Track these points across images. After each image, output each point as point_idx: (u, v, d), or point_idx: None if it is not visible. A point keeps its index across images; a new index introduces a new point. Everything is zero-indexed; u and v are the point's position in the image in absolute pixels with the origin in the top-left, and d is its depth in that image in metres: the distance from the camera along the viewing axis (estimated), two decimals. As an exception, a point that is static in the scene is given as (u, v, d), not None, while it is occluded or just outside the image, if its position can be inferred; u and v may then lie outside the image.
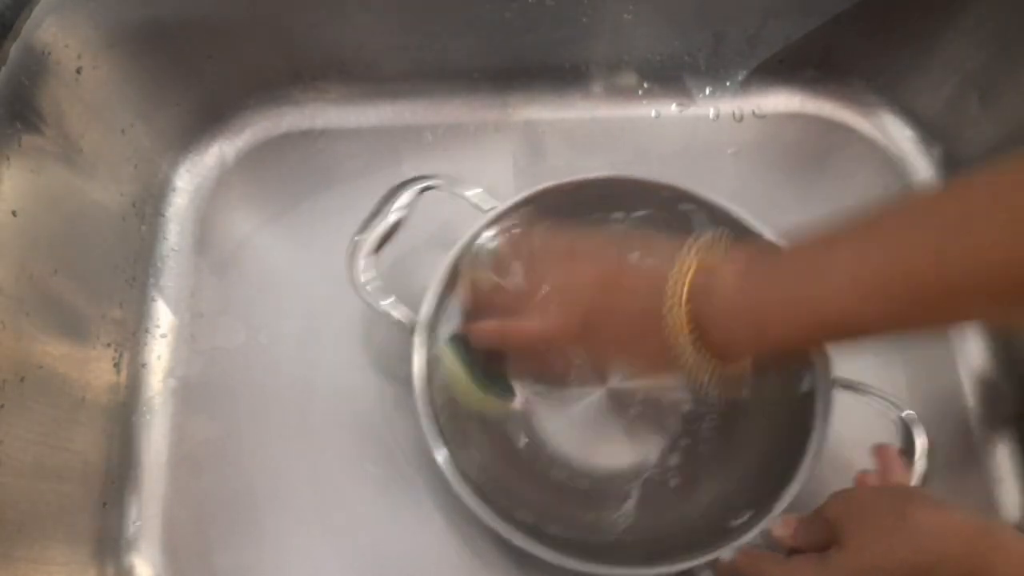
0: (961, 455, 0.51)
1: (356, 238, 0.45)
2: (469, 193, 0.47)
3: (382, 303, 0.45)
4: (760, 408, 0.46)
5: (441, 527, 0.48)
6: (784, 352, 0.38)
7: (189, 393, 0.51)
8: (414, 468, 0.49)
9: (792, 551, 0.38)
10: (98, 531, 0.46)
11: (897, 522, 0.33)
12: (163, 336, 0.52)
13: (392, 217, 0.45)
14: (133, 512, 0.48)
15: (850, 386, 0.44)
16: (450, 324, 0.45)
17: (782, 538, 0.39)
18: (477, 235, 0.46)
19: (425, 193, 0.46)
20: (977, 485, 0.50)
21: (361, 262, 0.44)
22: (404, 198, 0.46)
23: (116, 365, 0.50)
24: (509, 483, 0.45)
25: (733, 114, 0.60)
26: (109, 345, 0.49)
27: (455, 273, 0.45)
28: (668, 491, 0.47)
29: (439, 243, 0.50)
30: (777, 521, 0.40)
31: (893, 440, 0.43)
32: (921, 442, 0.42)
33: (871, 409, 0.44)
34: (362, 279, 0.44)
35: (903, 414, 0.43)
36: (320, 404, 0.51)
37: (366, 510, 0.48)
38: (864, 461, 0.42)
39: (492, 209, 0.47)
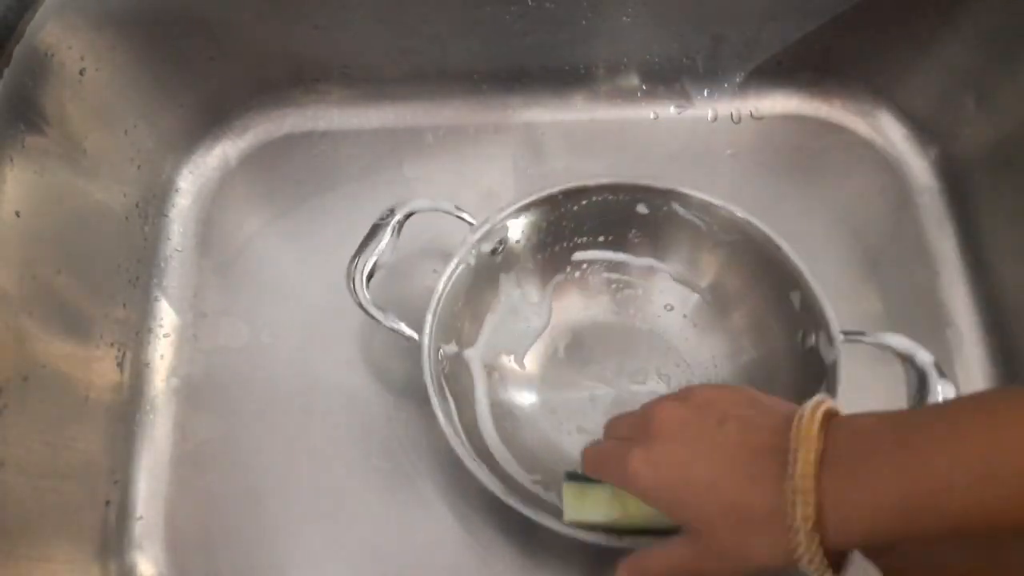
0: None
1: (353, 265, 0.46)
2: (462, 212, 0.49)
3: (392, 323, 0.46)
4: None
5: (445, 523, 0.48)
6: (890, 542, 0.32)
7: (192, 392, 0.51)
8: (417, 464, 0.49)
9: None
10: (101, 529, 0.47)
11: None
12: (166, 336, 0.53)
13: (384, 243, 0.46)
14: (136, 510, 0.48)
15: None
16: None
17: None
18: (472, 246, 0.48)
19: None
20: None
21: (364, 289, 0.46)
22: (391, 226, 0.47)
23: (119, 364, 0.50)
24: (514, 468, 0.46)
25: (731, 116, 0.60)
26: (112, 345, 0.49)
27: (453, 284, 0.47)
28: None
29: (424, 255, 0.53)
30: None
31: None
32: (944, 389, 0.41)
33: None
34: (368, 299, 0.46)
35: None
36: (322, 403, 0.51)
37: (369, 507, 0.48)
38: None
39: (484, 222, 0.48)
